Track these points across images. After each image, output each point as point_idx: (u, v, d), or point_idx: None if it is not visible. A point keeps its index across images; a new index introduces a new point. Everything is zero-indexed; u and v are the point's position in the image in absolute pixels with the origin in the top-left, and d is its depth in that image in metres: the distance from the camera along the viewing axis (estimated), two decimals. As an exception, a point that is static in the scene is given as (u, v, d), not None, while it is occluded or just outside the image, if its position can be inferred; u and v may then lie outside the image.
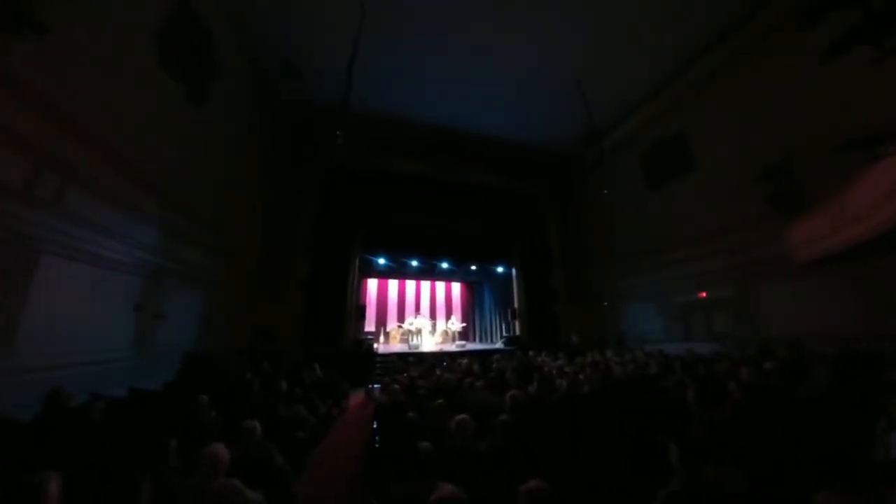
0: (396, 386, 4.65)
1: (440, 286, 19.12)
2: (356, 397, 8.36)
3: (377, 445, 4.04)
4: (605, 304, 13.50)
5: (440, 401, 3.61)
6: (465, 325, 16.15)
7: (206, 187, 7.92)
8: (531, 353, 9.38)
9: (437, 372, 7.22)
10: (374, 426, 4.42)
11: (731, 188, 9.29)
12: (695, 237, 10.31)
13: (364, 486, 3.61)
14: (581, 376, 5.43)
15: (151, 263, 6.44)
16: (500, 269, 15.11)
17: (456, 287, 19.41)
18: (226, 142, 8.51)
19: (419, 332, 14.11)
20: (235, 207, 9.20)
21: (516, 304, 13.90)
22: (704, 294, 10.19)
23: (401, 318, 17.05)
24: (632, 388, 4.87)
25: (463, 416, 2.91)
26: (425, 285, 18.72)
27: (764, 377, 4.77)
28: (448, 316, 18.06)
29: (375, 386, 8.74)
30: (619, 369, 6.25)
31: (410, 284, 18.40)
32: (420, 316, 15.66)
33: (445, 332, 15.65)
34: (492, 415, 3.38)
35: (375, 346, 12.77)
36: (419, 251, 13.87)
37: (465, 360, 8.15)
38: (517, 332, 13.62)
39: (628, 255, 12.64)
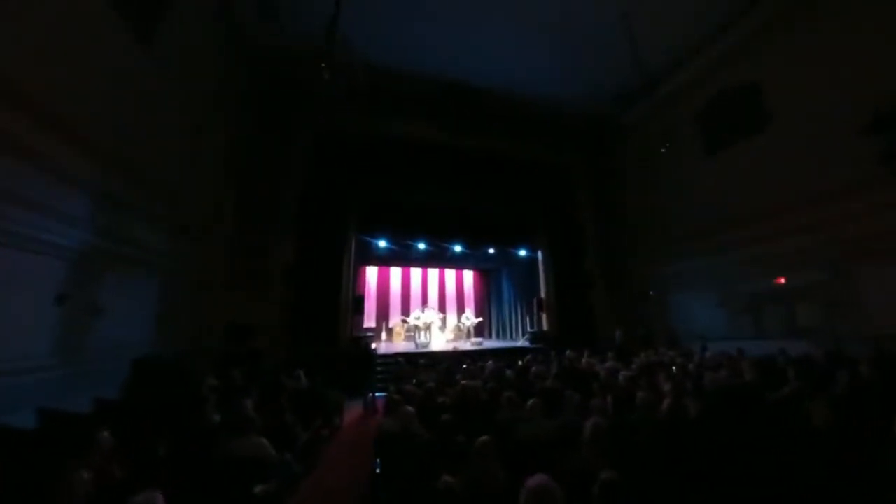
0: (408, 408, 3.56)
1: (450, 274, 18.09)
2: (353, 410, 7.37)
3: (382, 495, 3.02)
4: (651, 293, 12.34)
5: (484, 439, 2.53)
6: (480, 319, 15.09)
7: (166, 151, 6.87)
8: (568, 352, 8.29)
9: (458, 378, 6.17)
10: (377, 464, 3.38)
11: (822, 147, 8.02)
12: (768, 210, 9.09)
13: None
14: (666, 387, 4.32)
15: (86, 243, 5.40)
16: (522, 253, 14.02)
17: (468, 275, 18.38)
18: (189, 96, 7.44)
19: (428, 327, 13.09)
20: (203, 177, 8.12)
21: (543, 294, 12.81)
22: (783, 280, 8.98)
23: (405, 311, 16.11)
24: (750, 404, 3.77)
25: (541, 482, 1.81)
26: (433, 273, 17.71)
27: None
28: (459, 308, 17.07)
29: (377, 395, 7.74)
30: (708, 376, 5.14)
31: (416, 273, 17.40)
32: (428, 309, 14.64)
33: (458, 328, 14.68)
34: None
35: (375, 345, 11.80)
36: (427, 232, 12.75)
37: (489, 363, 7.08)
38: (545, 327, 12.55)
39: (678, 235, 11.50)
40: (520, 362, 7.86)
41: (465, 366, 7.58)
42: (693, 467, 2.48)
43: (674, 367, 6.32)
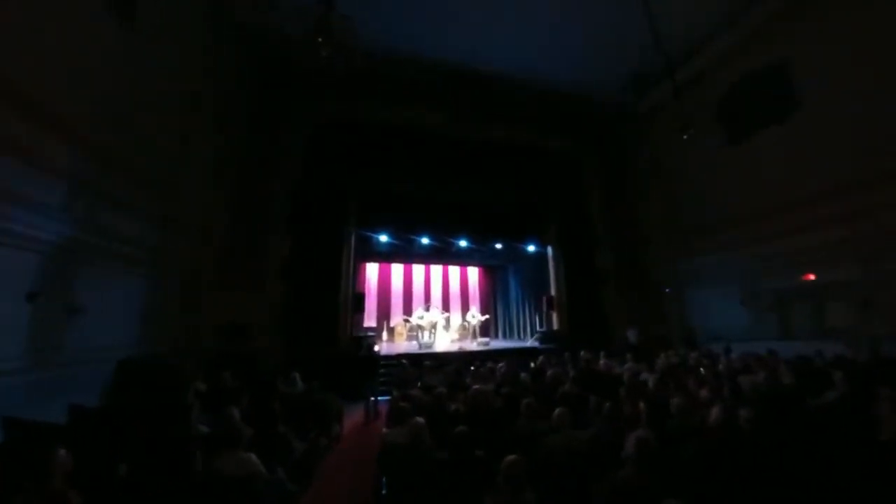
0: (417, 419, 3.22)
1: (454, 271, 17.74)
2: (354, 415, 7.06)
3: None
4: (668, 290, 11.99)
5: (514, 459, 2.20)
6: (487, 316, 14.76)
7: (151, 138, 6.52)
8: (583, 353, 7.96)
9: (468, 381, 5.85)
10: (383, 483, 3.06)
11: (856, 132, 7.65)
12: (796, 201, 8.70)
13: None
14: (703, 393, 3.99)
15: (62, 235, 5.08)
16: (531, 249, 13.67)
17: (473, 272, 18.04)
18: (175, 79, 7.08)
19: (433, 327, 12.76)
20: (192, 166, 7.78)
21: (553, 292, 12.49)
22: (813, 276, 8.62)
23: (407, 310, 15.76)
24: (800, 411, 3.44)
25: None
26: (436, 270, 17.36)
27: None
28: (464, 306, 16.74)
29: (380, 399, 7.43)
30: (745, 379, 4.81)
31: (418, 269, 17.07)
32: (432, 308, 14.32)
33: (463, 327, 14.35)
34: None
35: (377, 346, 11.49)
36: (431, 226, 12.39)
37: (501, 365, 6.76)
38: (555, 326, 12.22)
39: (697, 229, 11.16)
40: (532, 364, 7.55)
41: (473, 368, 7.27)
42: (759, 493, 2.16)
43: (701, 369, 5.99)
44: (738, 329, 9.85)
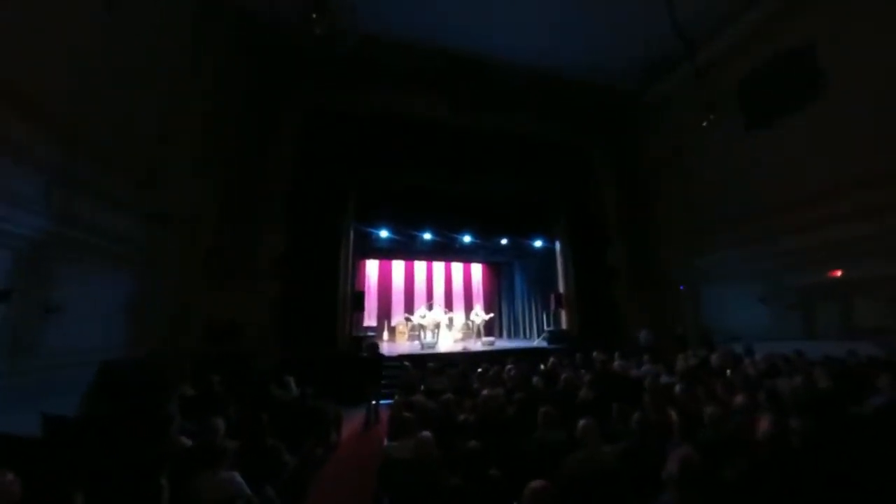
0: (424, 433, 2.93)
1: (457, 268, 17.50)
2: (353, 420, 6.81)
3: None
4: (681, 287, 11.69)
5: (540, 486, 1.91)
6: (492, 315, 14.50)
7: (133, 124, 6.24)
8: (596, 354, 7.68)
9: (475, 385, 5.59)
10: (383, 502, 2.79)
11: (889, 118, 7.30)
12: (822, 192, 8.38)
13: None
14: (737, 399, 3.70)
15: (39, 229, 4.82)
16: (538, 244, 13.37)
17: (477, 269, 17.78)
18: (160, 62, 6.76)
19: (435, 326, 12.50)
20: (179, 155, 7.50)
21: (562, 289, 12.19)
22: (839, 273, 8.30)
23: (409, 308, 15.52)
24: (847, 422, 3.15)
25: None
26: (438, 267, 17.12)
27: None
28: (468, 305, 16.49)
29: (382, 403, 7.17)
30: (782, 383, 4.52)
31: (420, 266, 16.82)
32: (435, 306, 14.06)
33: (467, 326, 14.09)
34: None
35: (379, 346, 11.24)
36: (433, 220, 12.10)
37: (509, 367, 6.48)
38: (563, 326, 11.94)
39: (714, 222, 10.86)
40: (542, 366, 7.27)
41: (479, 370, 6.99)
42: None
43: (728, 371, 5.70)
44: (758, 328, 9.54)
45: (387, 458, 3.11)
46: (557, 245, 12.77)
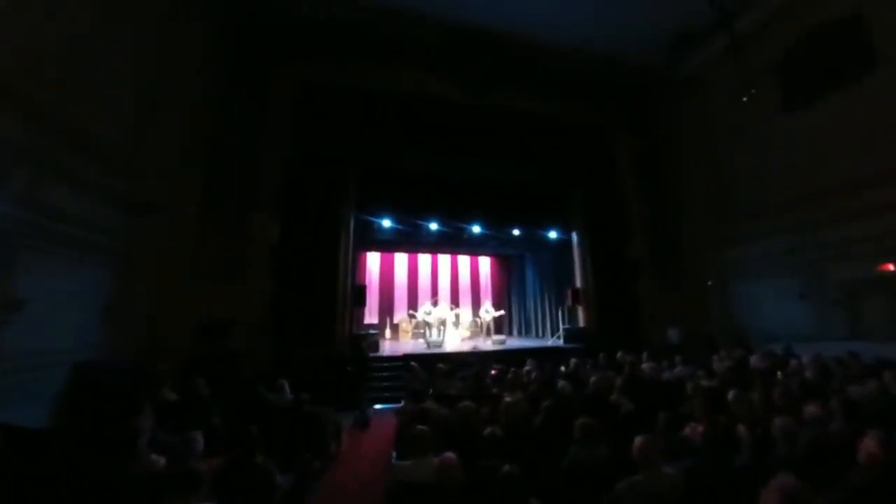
0: (449, 455, 2.53)
1: (464, 261, 17.12)
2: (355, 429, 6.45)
3: None
4: (709, 282, 11.27)
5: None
6: (502, 312, 14.15)
7: (107, 98, 5.85)
8: (620, 354, 7.28)
9: (493, 390, 5.20)
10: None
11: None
12: (869, 177, 7.93)
13: None
14: (809, 409, 3.31)
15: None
16: (552, 235, 12.96)
17: (485, 262, 17.42)
18: (136, 32, 6.36)
19: (441, 324, 12.15)
20: (162, 140, 7.12)
21: (579, 284, 11.77)
22: (892, 266, 7.86)
23: (413, 304, 15.18)
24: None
25: None
26: (444, 260, 16.72)
27: None
28: (475, 301, 16.12)
29: (377, 407, 6.82)
30: (854, 390, 4.14)
31: (425, 259, 16.46)
32: (440, 302, 13.72)
33: (476, 324, 13.73)
34: None
35: (380, 345, 10.91)
36: (440, 209, 11.66)
37: (527, 368, 6.09)
38: (581, 323, 11.55)
39: (747, 211, 10.45)
40: (562, 368, 6.88)
41: (494, 372, 6.61)
42: None
43: (778, 374, 5.30)
44: (797, 327, 9.11)
45: (397, 482, 2.72)
46: (574, 237, 12.33)
